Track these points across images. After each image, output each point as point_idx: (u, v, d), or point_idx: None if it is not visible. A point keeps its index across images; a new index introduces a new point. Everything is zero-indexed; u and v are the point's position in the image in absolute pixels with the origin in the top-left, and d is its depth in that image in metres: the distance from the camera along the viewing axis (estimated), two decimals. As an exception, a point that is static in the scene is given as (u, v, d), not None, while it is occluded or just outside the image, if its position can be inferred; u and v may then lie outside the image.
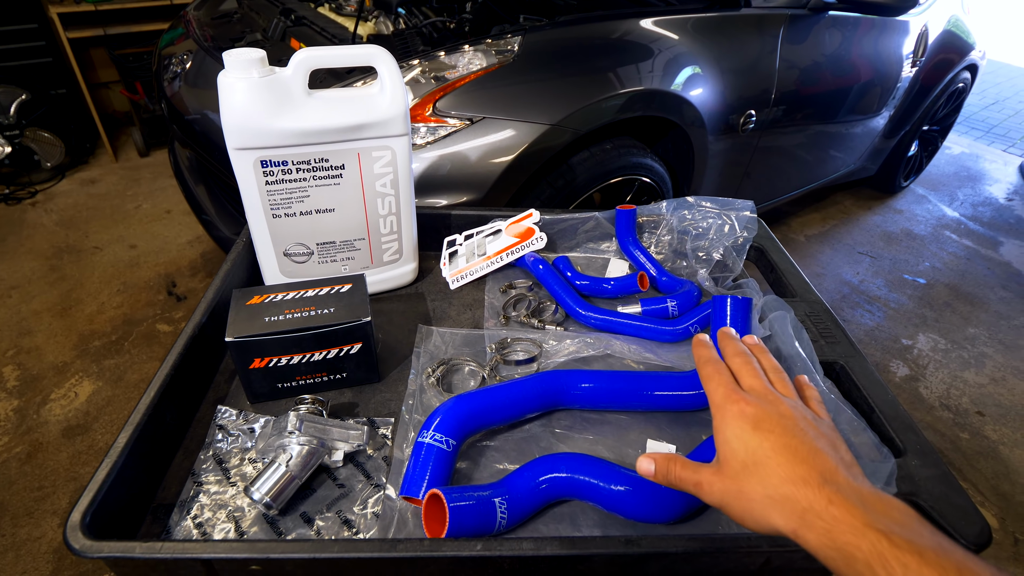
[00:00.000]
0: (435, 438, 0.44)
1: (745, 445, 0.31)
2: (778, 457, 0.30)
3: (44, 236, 2.06)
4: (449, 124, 1.04)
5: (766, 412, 0.32)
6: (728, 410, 0.33)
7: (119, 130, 2.77)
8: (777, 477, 0.29)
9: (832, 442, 0.32)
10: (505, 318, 0.62)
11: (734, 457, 0.31)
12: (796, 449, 0.30)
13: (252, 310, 0.49)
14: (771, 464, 0.30)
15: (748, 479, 0.30)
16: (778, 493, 0.29)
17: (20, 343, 1.60)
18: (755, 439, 0.31)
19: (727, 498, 0.32)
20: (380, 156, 0.58)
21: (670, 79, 1.22)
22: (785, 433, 0.31)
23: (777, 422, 0.32)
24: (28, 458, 1.29)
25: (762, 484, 0.30)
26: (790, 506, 0.28)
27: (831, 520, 0.27)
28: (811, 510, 0.27)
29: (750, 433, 0.31)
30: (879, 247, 2.23)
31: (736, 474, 0.31)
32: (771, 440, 0.31)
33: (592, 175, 1.17)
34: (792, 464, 0.29)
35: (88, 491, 0.35)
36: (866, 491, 0.28)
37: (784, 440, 0.30)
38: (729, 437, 0.32)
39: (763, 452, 0.30)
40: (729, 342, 0.39)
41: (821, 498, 0.28)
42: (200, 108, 1.27)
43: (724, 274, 0.65)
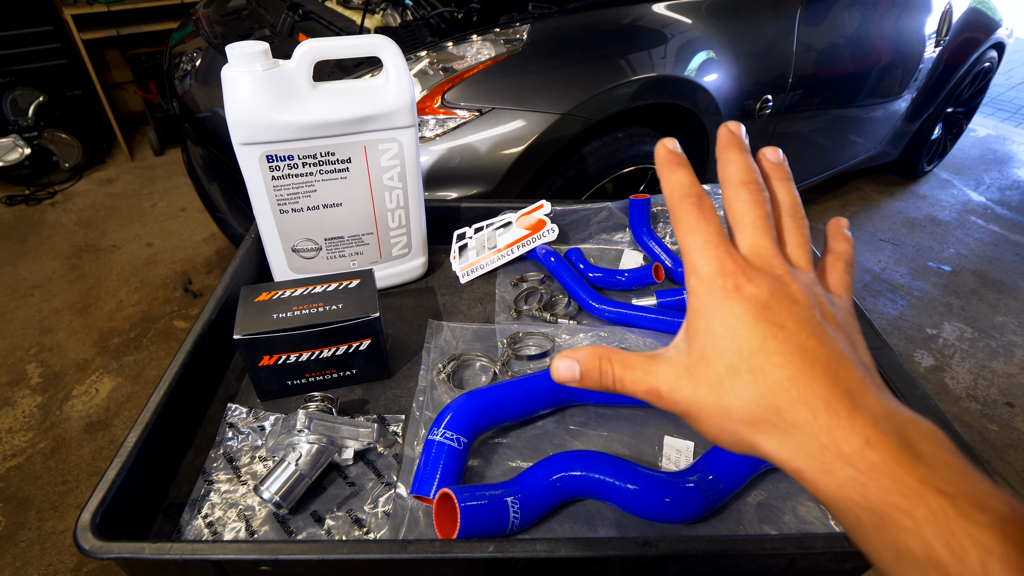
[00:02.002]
0: (446, 436, 0.43)
1: (739, 341, 0.21)
2: (788, 366, 0.20)
3: (64, 235, 2.10)
4: (458, 116, 1.03)
5: (775, 295, 0.22)
6: (719, 286, 0.22)
7: (134, 130, 2.80)
8: (785, 395, 0.20)
9: (851, 338, 0.23)
10: (516, 312, 0.61)
11: (718, 356, 0.22)
12: (814, 354, 0.21)
13: (260, 307, 0.49)
14: (776, 374, 0.20)
15: (736, 390, 0.21)
16: (783, 418, 0.20)
17: (42, 341, 1.63)
18: (756, 334, 0.21)
19: (697, 411, 0.23)
20: (387, 149, 0.57)
21: (683, 65, 1.19)
22: (801, 328, 0.21)
23: (789, 310, 0.21)
24: (52, 453, 1.32)
25: (758, 401, 0.21)
26: (800, 438, 0.20)
27: (869, 470, 0.18)
28: (835, 449, 0.19)
29: (749, 324, 0.21)
30: (901, 234, 2.17)
31: (719, 380, 0.22)
32: (780, 338, 0.21)
33: (604, 165, 1.14)
34: (808, 378, 0.20)
35: (98, 491, 0.35)
36: (904, 416, 0.20)
37: (798, 340, 0.21)
38: (715, 325, 0.22)
39: (765, 355, 0.21)
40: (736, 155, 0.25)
41: (854, 435, 0.19)
42: (211, 106, 1.28)
43: (742, 264, 0.63)
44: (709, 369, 0.22)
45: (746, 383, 0.21)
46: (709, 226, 0.23)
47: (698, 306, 0.23)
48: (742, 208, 0.24)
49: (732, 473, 0.42)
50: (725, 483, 0.42)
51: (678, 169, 0.24)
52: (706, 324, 0.22)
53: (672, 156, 0.25)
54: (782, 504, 0.44)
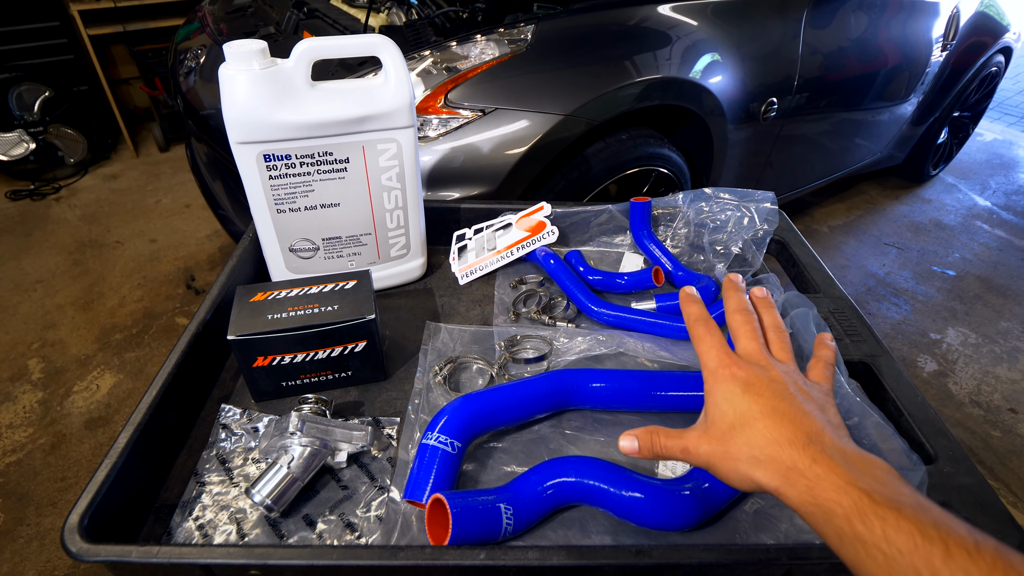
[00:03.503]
0: (440, 440, 0.43)
1: (734, 407, 0.32)
2: (765, 420, 0.31)
3: (68, 231, 2.11)
4: (461, 115, 1.02)
5: (757, 376, 0.33)
6: (720, 374, 0.33)
7: (139, 126, 2.81)
8: (763, 438, 0.30)
9: (821, 406, 0.33)
10: (515, 314, 0.61)
11: (722, 419, 0.32)
12: (784, 412, 0.31)
13: (255, 307, 0.49)
14: (758, 426, 0.30)
15: (735, 439, 0.31)
16: (764, 453, 0.30)
17: (44, 336, 1.64)
18: (744, 401, 0.32)
19: (713, 459, 0.32)
20: (385, 149, 0.56)
21: (688, 66, 1.18)
22: (774, 396, 0.32)
23: (767, 386, 0.32)
24: (52, 449, 1.32)
25: (748, 444, 0.30)
26: (775, 465, 0.29)
27: (813, 477, 0.27)
28: (794, 468, 0.28)
29: (739, 396, 0.32)
30: (906, 238, 2.15)
31: (723, 435, 0.32)
32: (760, 403, 0.31)
33: (608, 166, 1.14)
34: (779, 426, 0.30)
35: (87, 492, 0.35)
36: (850, 451, 0.29)
37: (773, 403, 0.31)
38: (719, 400, 0.33)
39: (751, 414, 0.31)
40: (734, 294, 0.39)
41: (805, 457, 0.28)
42: (214, 103, 1.28)
43: (743, 269, 0.62)
44: (718, 429, 0.32)
45: (741, 435, 0.31)
46: (714, 338, 0.35)
47: (709, 389, 0.34)
48: (737, 325, 0.37)
49: (729, 481, 0.42)
50: (721, 491, 0.41)
51: (694, 304, 0.38)
52: (714, 400, 0.33)
53: (691, 297, 0.39)
54: (779, 513, 0.43)
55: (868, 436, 0.41)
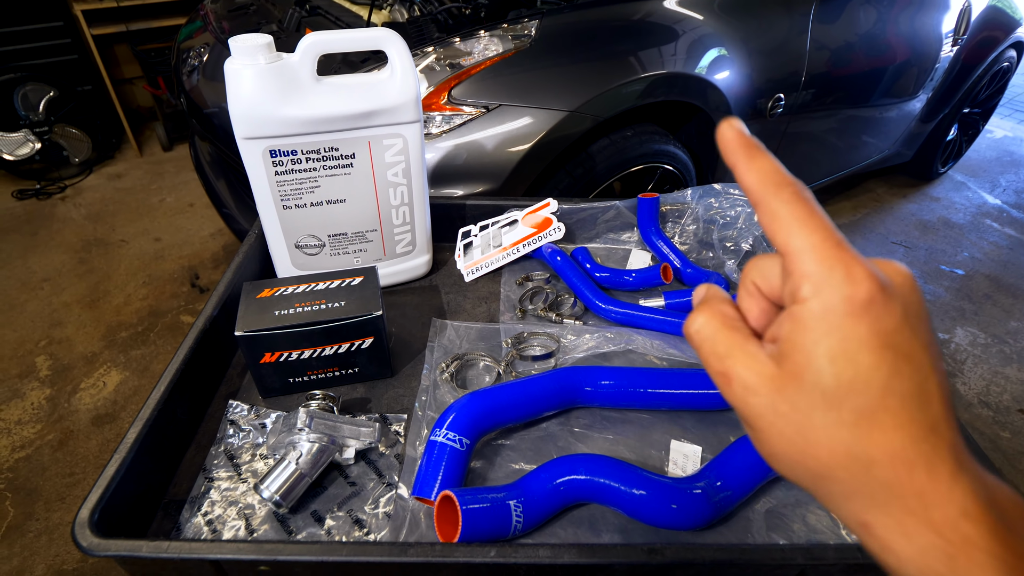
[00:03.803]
0: (448, 437, 0.43)
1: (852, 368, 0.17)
2: (901, 412, 0.17)
3: (73, 230, 2.11)
4: (465, 112, 1.02)
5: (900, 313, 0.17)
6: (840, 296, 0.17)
7: (143, 125, 2.82)
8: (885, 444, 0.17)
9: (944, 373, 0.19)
10: (522, 312, 0.60)
11: (818, 383, 0.17)
12: (930, 399, 0.17)
13: (262, 304, 0.48)
14: (884, 418, 0.17)
15: (827, 427, 0.17)
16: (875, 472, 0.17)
17: (51, 334, 1.64)
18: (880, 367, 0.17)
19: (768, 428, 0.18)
20: (391, 144, 0.56)
21: (694, 62, 1.17)
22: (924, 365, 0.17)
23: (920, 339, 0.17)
24: (60, 445, 1.33)
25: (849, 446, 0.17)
26: (885, 495, 0.17)
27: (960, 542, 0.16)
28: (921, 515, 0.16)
29: (875, 352, 0.17)
30: (914, 236, 2.13)
31: (809, 408, 0.17)
32: (904, 375, 0.17)
33: (612, 163, 1.13)
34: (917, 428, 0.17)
35: (98, 487, 0.35)
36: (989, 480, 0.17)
37: (919, 380, 0.17)
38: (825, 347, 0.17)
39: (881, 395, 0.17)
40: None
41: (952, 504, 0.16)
42: (218, 101, 1.28)
43: (752, 265, 0.61)
44: (801, 392, 0.18)
45: (843, 424, 0.17)
46: (823, 220, 0.18)
47: (807, 320, 0.17)
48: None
49: (740, 480, 0.41)
50: (733, 490, 0.41)
51: (760, 155, 0.19)
52: (814, 343, 0.17)
53: (747, 140, 0.19)
54: (791, 512, 0.43)
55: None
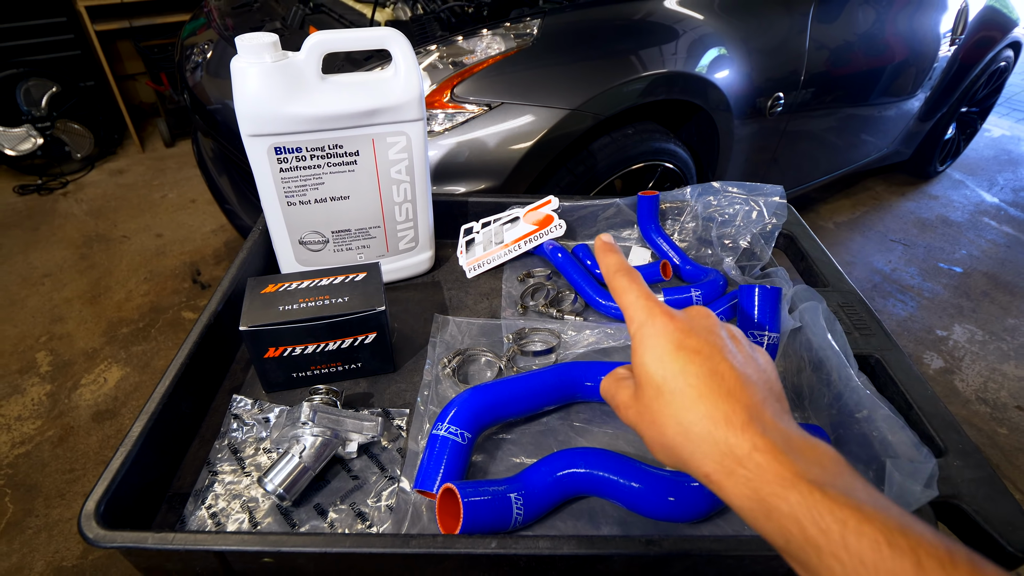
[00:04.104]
0: (450, 431, 0.43)
1: (664, 367, 0.27)
2: (700, 385, 0.26)
3: (75, 225, 2.12)
4: (467, 110, 1.02)
5: (693, 328, 0.28)
6: (649, 326, 0.28)
7: (145, 121, 2.82)
8: (696, 411, 0.25)
9: (760, 366, 0.29)
10: (523, 307, 0.61)
11: (650, 381, 0.27)
12: (723, 376, 0.26)
13: (266, 299, 0.49)
14: (691, 393, 0.26)
15: (663, 408, 0.26)
16: (695, 430, 0.25)
17: (52, 329, 1.65)
18: (677, 361, 0.26)
19: (640, 427, 0.28)
20: (395, 142, 0.56)
21: (694, 61, 1.18)
22: (713, 355, 0.26)
23: (705, 340, 0.27)
24: (60, 441, 1.33)
25: (677, 417, 0.26)
26: (707, 447, 0.25)
27: (755, 468, 0.23)
28: (731, 455, 0.24)
29: (672, 353, 0.27)
30: (912, 234, 2.14)
31: (651, 401, 0.27)
32: (695, 363, 0.26)
33: (613, 161, 1.14)
34: (715, 396, 0.25)
35: (103, 480, 0.35)
36: (794, 434, 0.25)
37: (710, 365, 0.26)
38: (647, 359, 0.27)
39: (684, 378, 0.26)
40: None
41: (744, 442, 0.24)
42: (221, 98, 1.28)
43: (752, 263, 0.62)
44: (644, 393, 0.27)
45: (670, 403, 0.26)
46: (640, 287, 0.30)
47: (636, 347, 0.28)
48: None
49: (738, 473, 0.42)
50: (731, 483, 0.41)
51: (612, 253, 0.33)
52: (641, 359, 0.28)
53: (607, 245, 0.33)
54: (788, 505, 0.43)
55: (878, 429, 0.41)
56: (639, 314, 0.29)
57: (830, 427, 0.45)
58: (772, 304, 0.48)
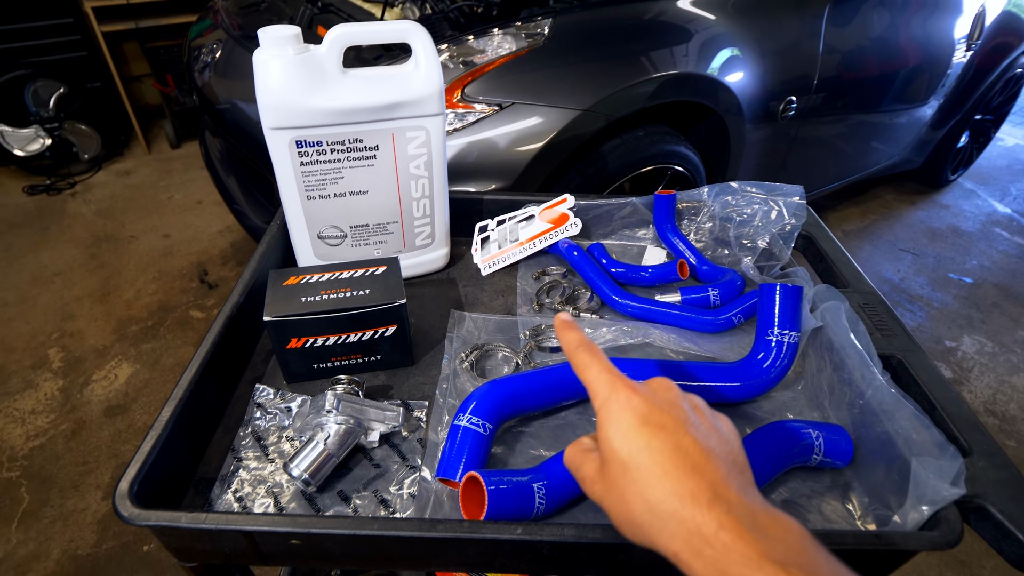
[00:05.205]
0: (472, 421, 0.43)
1: (629, 443, 0.27)
2: (665, 462, 0.26)
3: (84, 225, 2.13)
4: (477, 110, 1.03)
5: (656, 403, 0.28)
6: (613, 401, 0.28)
7: (151, 123, 2.84)
8: (661, 488, 0.25)
9: (723, 435, 0.29)
10: (539, 305, 0.61)
11: (615, 457, 0.27)
12: (687, 452, 0.26)
13: (289, 291, 0.49)
14: (656, 470, 0.25)
15: (629, 485, 0.26)
16: (661, 508, 0.25)
17: (64, 327, 1.66)
18: (641, 437, 0.26)
19: (606, 504, 0.28)
20: (414, 137, 0.57)
21: (706, 62, 1.18)
22: (677, 430, 0.27)
23: (668, 414, 0.27)
24: (73, 435, 1.34)
25: (643, 494, 0.25)
26: (674, 525, 0.24)
27: (721, 548, 0.23)
28: (698, 533, 0.24)
29: (636, 429, 0.27)
30: (922, 244, 2.13)
31: (616, 478, 0.27)
32: (660, 439, 0.26)
33: (623, 163, 1.14)
34: (680, 472, 0.25)
35: (135, 461, 0.36)
36: (759, 509, 0.25)
37: (674, 440, 0.26)
38: (612, 434, 0.27)
39: (649, 454, 0.26)
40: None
41: (711, 520, 0.24)
42: (230, 97, 1.29)
43: (770, 263, 0.62)
44: (610, 469, 0.27)
45: (636, 480, 0.26)
46: (602, 362, 0.30)
47: (600, 422, 0.28)
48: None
49: (760, 469, 0.42)
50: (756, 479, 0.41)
51: (573, 330, 0.33)
52: (605, 435, 0.28)
53: (567, 323, 0.34)
54: (807, 503, 0.43)
55: (902, 428, 0.41)
56: (603, 389, 0.29)
57: (851, 426, 0.45)
58: (793, 303, 0.48)
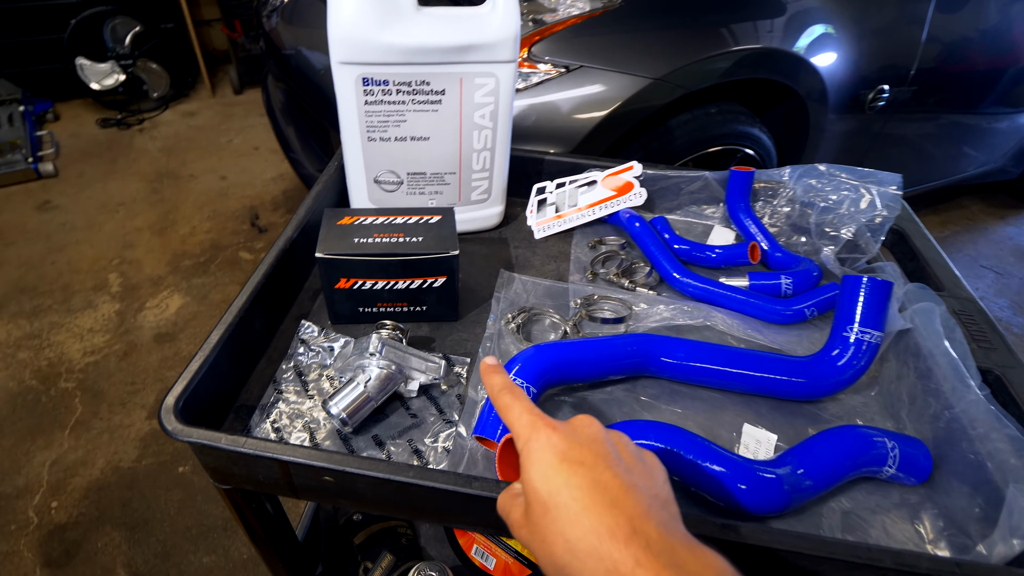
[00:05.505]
0: (515, 383, 0.42)
1: (549, 482, 0.26)
2: (584, 498, 0.25)
3: (148, 160, 2.21)
4: (542, 71, 0.98)
5: (576, 439, 0.27)
6: (534, 440, 0.27)
7: (217, 67, 2.89)
8: (581, 526, 0.24)
9: (646, 470, 0.28)
10: (592, 274, 0.58)
11: (536, 498, 0.26)
12: (606, 487, 0.25)
13: (342, 230, 0.48)
14: (575, 507, 0.25)
15: (551, 525, 0.25)
16: (581, 546, 0.24)
17: (124, 254, 1.74)
18: (561, 474, 0.26)
19: (531, 546, 0.27)
20: (483, 84, 0.54)
21: (793, 38, 1.09)
22: (596, 465, 0.26)
23: (588, 450, 0.27)
24: (124, 356, 1.41)
25: (563, 534, 0.25)
26: (592, 563, 0.24)
27: None
28: (615, 571, 0.23)
29: (555, 467, 0.26)
30: (1008, 263, 1.96)
31: (539, 519, 0.26)
32: (579, 475, 0.25)
33: (691, 140, 1.08)
34: (598, 508, 0.24)
35: (182, 379, 0.36)
36: (679, 544, 0.24)
37: (593, 475, 0.25)
38: (533, 474, 0.26)
39: (568, 491, 0.25)
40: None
41: (628, 557, 0.23)
42: (296, 43, 1.29)
43: (853, 255, 0.57)
44: (532, 511, 0.26)
45: (556, 519, 0.25)
46: (524, 403, 0.30)
47: (522, 463, 0.28)
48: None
49: (824, 472, 0.38)
50: (815, 481, 0.38)
51: (498, 374, 0.33)
52: (527, 475, 0.27)
53: (492, 367, 0.33)
54: (870, 517, 0.40)
55: (996, 450, 0.36)
56: (524, 430, 0.28)
57: (932, 442, 0.41)
58: (880, 299, 0.44)
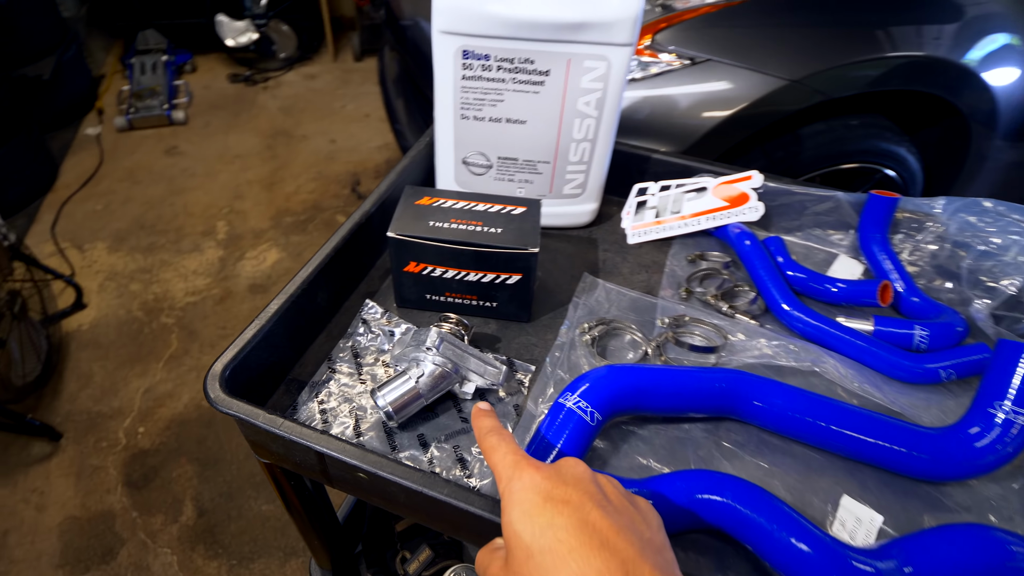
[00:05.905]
0: (579, 405, 0.37)
1: (532, 523, 0.24)
2: (570, 539, 0.23)
3: (267, 118, 2.37)
4: (663, 61, 0.90)
5: (560, 479, 0.25)
6: (516, 480, 0.25)
7: (341, 34, 3.03)
8: (567, 570, 0.22)
9: (639, 513, 0.26)
10: (687, 292, 0.51)
11: (518, 543, 0.24)
12: (595, 527, 0.23)
13: (419, 211, 0.46)
14: (561, 550, 0.23)
15: (534, 571, 0.23)
16: None
17: (233, 204, 1.88)
18: (545, 515, 0.24)
19: None
20: (593, 67, 0.49)
21: (965, 48, 0.92)
22: (583, 505, 0.24)
23: (574, 488, 0.25)
24: (220, 301, 1.53)
25: None
26: None
27: None
28: None
29: (539, 507, 0.24)
30: None
31: (520, 566, 0.23)
32: (564, 515, 0.24)
33: (822, 153, 0.95)
34: (586, 550, 0.22)
35: (233, 347, 0.35)
36: None
37: (580, 515, 0.24)
38: (514, 516, 0.24)
39: (552, 531, 0.23)
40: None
41: None
42: (415, 14, 1.29)
43: (1015, 314, 0.46)
44: (514, 558, 0.24)
45: (538, 565, 0.23)
46: (509, 444, 0.28)
47: (504, 506, 0.26)
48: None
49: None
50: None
51: (489, 418, 0.31)
52: (508, 519, 0.25)
53: (483, 411, 0.32)
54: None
55: None
56: (506, 470, 0.27)
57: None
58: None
